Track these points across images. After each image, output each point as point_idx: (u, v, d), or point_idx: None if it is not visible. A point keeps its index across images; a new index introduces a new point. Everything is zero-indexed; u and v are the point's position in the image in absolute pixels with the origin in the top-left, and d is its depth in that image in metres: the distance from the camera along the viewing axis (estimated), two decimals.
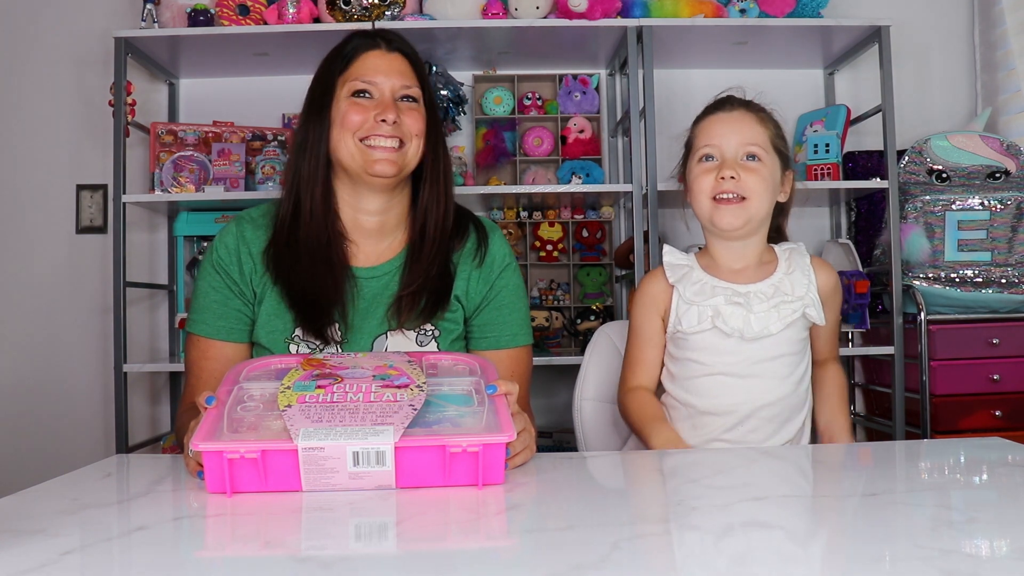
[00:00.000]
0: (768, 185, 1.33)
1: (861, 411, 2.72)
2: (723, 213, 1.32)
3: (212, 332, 1.30)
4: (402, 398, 0.96)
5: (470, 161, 2.66)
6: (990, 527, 0.77)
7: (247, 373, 1.06)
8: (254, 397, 0.99)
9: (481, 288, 1.35)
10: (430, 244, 1.33)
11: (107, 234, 2.67)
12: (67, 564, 0.68)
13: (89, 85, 2.68)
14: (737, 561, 0.68)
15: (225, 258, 1.32)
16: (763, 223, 1.36)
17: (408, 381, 1.00)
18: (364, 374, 1.02)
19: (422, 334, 1.31)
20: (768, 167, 1.33)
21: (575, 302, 2.66)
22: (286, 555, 0.71)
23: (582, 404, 1.57)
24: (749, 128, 1.33)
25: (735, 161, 1.32)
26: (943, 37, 2.80)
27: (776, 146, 1.35)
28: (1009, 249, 2.33)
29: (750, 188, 1.31)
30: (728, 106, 1.37)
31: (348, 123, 1.27)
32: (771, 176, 1.33)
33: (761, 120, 1.35)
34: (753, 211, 1.32)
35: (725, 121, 1.35)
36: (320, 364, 1.05)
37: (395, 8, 2.38)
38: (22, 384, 2.68)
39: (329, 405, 0.94)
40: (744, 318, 1.31)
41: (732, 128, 1.34)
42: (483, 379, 1.05)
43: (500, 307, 1.36)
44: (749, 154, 1.32)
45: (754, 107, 1.38)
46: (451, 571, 0.67)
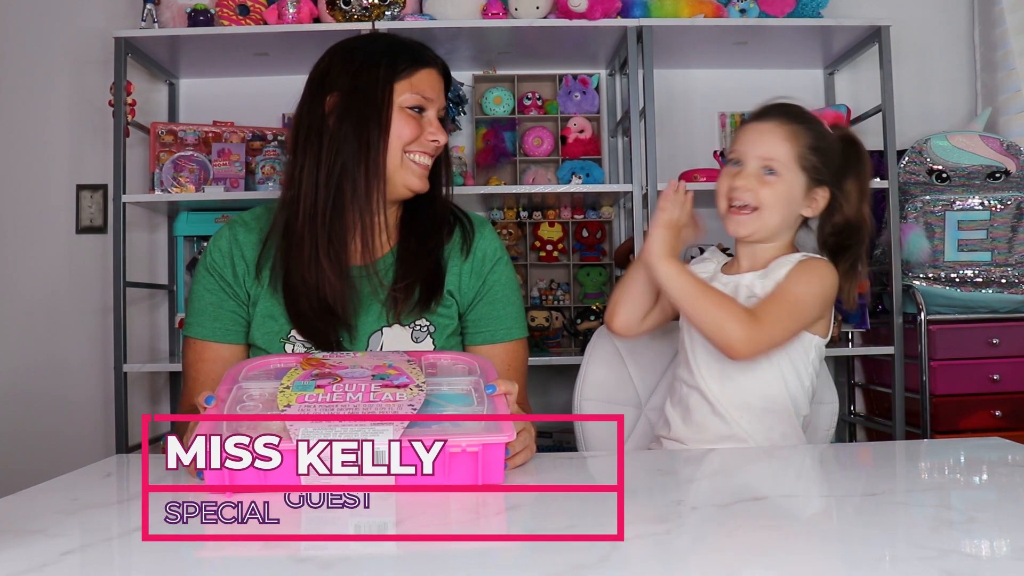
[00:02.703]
0: (783, 200, 1.34)
1: (861, 411, 2.71)
2: (732, 221, 1.36)
3: (208, 334, 1.30)
4: (401, 398, 0.96)
5: (470, 161, 2.66)
6: (990, 527, 0.77)
7: (246, 373, 1.06)
8: (253, 397, 0.99)
9: (473, 283, 1.35)
10: (421, 239, 1.34)
11: (107, 234, 2.67)
12: (67, 564, 0.68)
13: (89, 85, 2.68)
14: (737, 561, 0.68)
15: (219, 261, 1.32)
16: (779, 233, 1.38)
17: (408, 381, 1.00)
18: (363, 373, 1.02)
19: (417, 330, 1.31)
20: (786, 182, 1.34)
21: (575, 302, 2.65)
22: (286, 555, 0.71)
23: (582, 404, 1.57)
24: (774, 142, 1.34)
25: (752, 172, 1.34)
26: (943, 37, 2.80)
27: (803, 163, 1.34)
28: (1009, 249, 2.33)
29: (762, 200, 1.33)
30: (765, 116, 1.38)
31: (403, 135, 1.28)
32: (788, 192, 1.34)
33: (791, 135, 1.34)
34: (762, 223, 1.34)
35: (755, 131, 1.37)
36: (319, 364, 1.05)
37: (395, 8, 2.38)
38: (22, 384, 2.68)
39: (328, 405, 0.94)
40: None
41: (758, 139, 1.35)
42: (482, 378, 1.05)
43: (494, 301, 1.36)
44: (767, 167, 1.34)
45: (793, 119, 1.36)
46: (451, 571, 0.67)
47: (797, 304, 1.31)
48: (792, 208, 1.36)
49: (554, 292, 2.68)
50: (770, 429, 1.34)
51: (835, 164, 1.38)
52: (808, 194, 1.37)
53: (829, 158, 1.37)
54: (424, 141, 1.29)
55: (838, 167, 1.39)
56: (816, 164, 1.35)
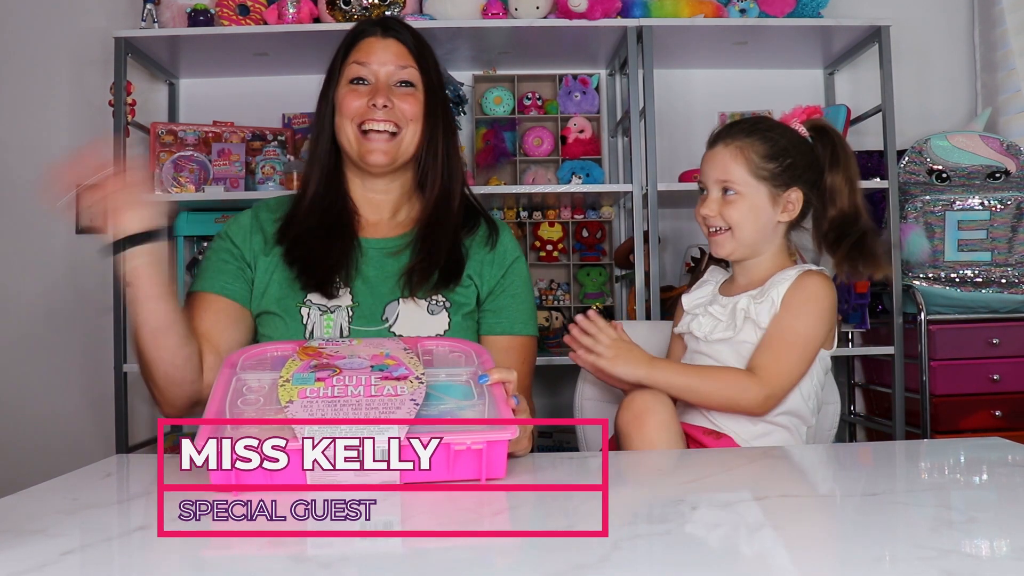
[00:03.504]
0: (750, 215, 1.37)
1: (861, 411, 2.72)
2: (713, 243, 1.42)
3: (208, 287, 1.33)
4: (403, 391, 0.96)
5: (470, 161, 2.66)
6: (990, 527, 0.77)
7: (243, 362, 1.07)
8: (253, 389, 0.99)
9: (495, 273, 1.38)
10: (437, 224, 1.36)
11: (107, 234, 2.66)
12: (68, 564, 0.68)
13: (89, 85, 2.68)
14: (738, 561, 0.68)
15: (235, 232, 1.37)
16: (761, 245, 1.40)
17: (407, 372, 1.01)
18: (362, 364, 1.02)
19: (433, 303, 1.33)
20: (747, 198, 1.37)
21: (575, 302, 2.65)
22: (291, 552, 0.71)
23: (583, 404, 1.57)
24: (724, 165, 1.39)
25: (714, 198, 1.40)
26: (943, 37, 2.80)
27: (759, 173, 1.36)
28: (1009, 249, 2.33)
29: (730, 220, 1.38)
30: (716, 140, 1.43)
31: (346, 109, 1.32)
32: (752, 207, 1.37)
33: (738, 152, 1.37)
34: (738, 241, 1.39)
35: (709, 157, 1.42)
36: (317, 353, 1.05)
37: (395, 8, 2.38)
38: (22, 384, 2.68)
39: (331, 400, 0.94)
40: (711, 324, 1.39)
41: (712, 164, 1.41)
42: (479, 368, 1.06)
43: (514, 295, 1.39)
44: (725, 189, 1.39)
45: (737, 135, 1.39)
46: (452, 570, 0.67)
47: (803, 343, 1.33)
48: (763, 220, 1.38)
49: (554, 292, 2.68)
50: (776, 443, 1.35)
51: (802, 161, 1.39)
52: (776, 200, 1.38)
53: (791, 159, 1.38)
54: (368, 108, 1.30)
55: (810, 162, 1.39)
56: (774, 170, 1.37)
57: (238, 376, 1.02)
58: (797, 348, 1.31)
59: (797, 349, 1.31)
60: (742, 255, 1.41)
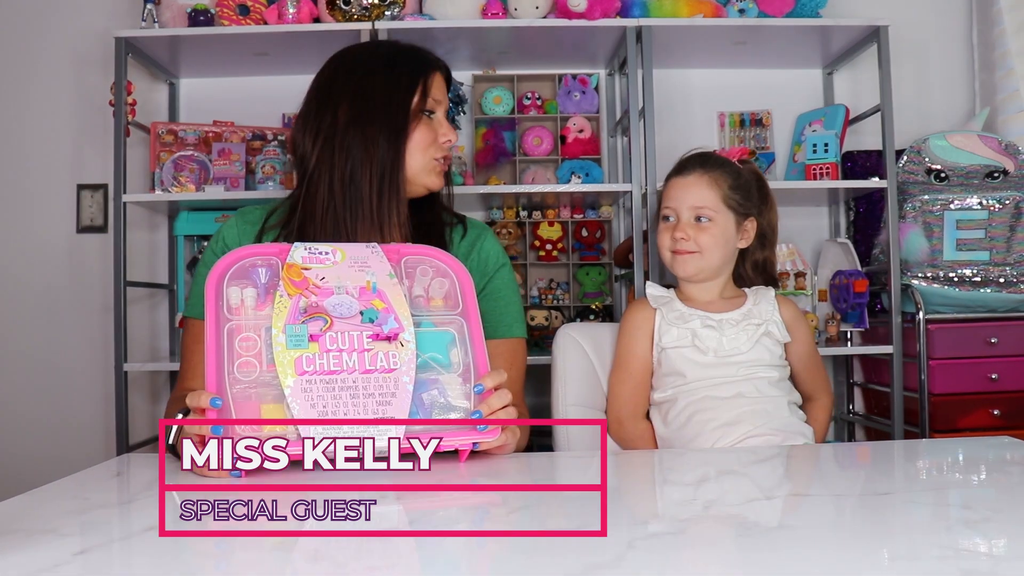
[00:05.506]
0: (720, 240, 1.50)
1: (860, 410, 2.72)
2: (679, 263, 1.51)
3: (200, 313, 1.32)
4: (396, 363, 1.02)
5: (469, 161, 2.66)
6: (990, 527, 0.78)
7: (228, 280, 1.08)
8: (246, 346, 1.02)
9: (477, 280, 1.38)
10: (427, 232, 1.38)
11: (107, 233, 2.67)
12: (81, 564, 0.68)
13: (89, 85, 2.68)
14: (738, 561, 0.69)
15: (230, 242, 1.36)
16: (721, 269, 1.53)
17: (397, 326, 1.05)
18: (351, 308, 1.05)
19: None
20: (720, 225, 1.50)
21: (574, 301, 2.66)
22: (292, 551, 0.72)
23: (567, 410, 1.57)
24: (700, 192, 1.50)
25: (688, 223, 1.49)
26: (941, 37, 2.80)
27: (729, 203, 1.50)
28: (1007, 248, 2.33)
29: (702, 244, 1.49)
30: (685, 170, 1.53)
31: (422, 140, 1.34)
32: (723, 232, 1.50)
33: (713, 181, 1.50)
34: (705, 263, 1.50)
35: (680, 186, 1.52)
36: (303, 284, 1.07)
37: (395, 8, 2.38)
38: (22, 383, 2.68)
39: (328, 380, 0.99)
40: (718, 339, 1.46)
41: (686, 192, 1.51)
42: (466, 323, 1.11)
43: (497, 299, 1.40)
44: (699, 215, 1.49)
45: (711, 166, 1.52)
46: (452, 570, 0.68)
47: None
48: (730, 245, 1.52)
49: (553, 291, 2.69)
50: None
51: (756, 196, 1.55)
52: (738, 228, 1.52)
53: (748, 191, 1.53)
54: (439, 143, 1.36)
55: (760, 197, 1.56)
56: (739, 200, 1.51)
57: (228, 320, 1.04)
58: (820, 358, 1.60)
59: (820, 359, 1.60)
60: (705, 276, 1.51)
